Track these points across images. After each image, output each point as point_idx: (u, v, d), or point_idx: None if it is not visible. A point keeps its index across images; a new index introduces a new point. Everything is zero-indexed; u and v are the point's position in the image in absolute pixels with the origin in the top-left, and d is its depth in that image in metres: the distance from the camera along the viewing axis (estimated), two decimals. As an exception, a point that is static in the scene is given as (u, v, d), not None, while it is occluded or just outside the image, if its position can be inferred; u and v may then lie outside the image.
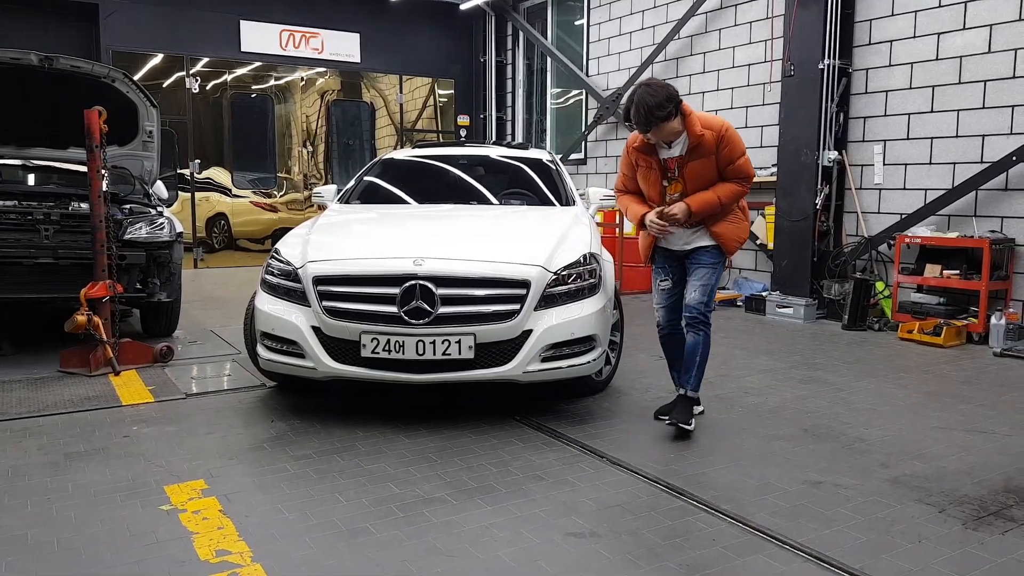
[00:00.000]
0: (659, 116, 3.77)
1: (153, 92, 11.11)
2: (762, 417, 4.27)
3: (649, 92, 3.77)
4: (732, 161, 3.92)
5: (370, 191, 5.60)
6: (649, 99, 3.74)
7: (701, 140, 3.87)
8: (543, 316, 4.00)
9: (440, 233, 4.50)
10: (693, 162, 3.92)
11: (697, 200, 3.92)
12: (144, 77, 10.60)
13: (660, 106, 3.74)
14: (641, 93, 3.77)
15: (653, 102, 3.74)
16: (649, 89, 3.78)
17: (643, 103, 3.75)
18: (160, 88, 10.72)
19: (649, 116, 3.76)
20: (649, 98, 3.74)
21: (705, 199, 3.92)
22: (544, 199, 5.49)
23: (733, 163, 3.93)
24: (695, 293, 4.01)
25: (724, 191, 3.95)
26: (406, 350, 3.83)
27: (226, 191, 11.41)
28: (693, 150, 3.91)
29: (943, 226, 6.86)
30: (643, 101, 3.75)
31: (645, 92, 3.77)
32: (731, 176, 3.97)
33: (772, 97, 8.25)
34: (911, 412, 4.40)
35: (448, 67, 12.87)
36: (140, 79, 10.53)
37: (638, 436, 3.94)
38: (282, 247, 4.39)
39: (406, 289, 3.84)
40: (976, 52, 6.59)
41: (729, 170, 3.95)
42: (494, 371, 3.94)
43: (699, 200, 3.92)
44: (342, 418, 4.16)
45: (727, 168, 3.94)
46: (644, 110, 3.76)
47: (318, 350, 3.97)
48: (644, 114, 3.77)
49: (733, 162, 3.92)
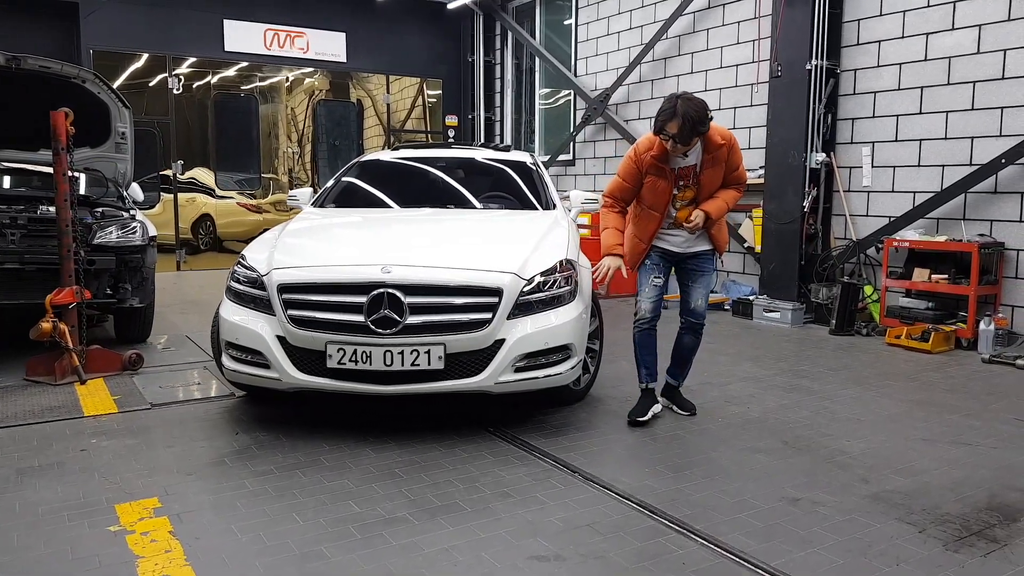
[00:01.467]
0: (702, 130, 3.85)
1: (135, 92, 11.12)
2: (743, 428, 4.16)
3: (692, 106, 3.79)
4: (736, 168, 4.12)
5: (345, 194, 5.48)
6: (693, 113, 3.78)
7: (718, 150, 3.99)
8: (516, 325, 3.88)
9: (412, 239, 4.38)
10: (708, 170, 4.04)
11: (713, 207, 4.07)
12: (126, 77, 10.47)
13: (703, 120, 3.81)
14: (684, 107, 3.77)
15: (697, 116, 3.79)
16: (691, 103, 3.79)
17: (688, 117, 3.77)
18: (142, 88, 10.58)
19: (694, 130, 3.82)
20: (693, 112, 3.78)
21: (718, 206, 4.09)
22: (525, 202, 5.38)
23: (737, 170, 4.13)
24: (701, 300, 4.26)
25: (729, 197, 4.16)
26: (373, 361, 3.71)
27: (210, 192, 11.27)
28: (708, 159, 4.01)
29: (932, 229, 6.75)
30: (688, 115, 3.76)
31: (688, 106, 3.78)
32: (734, 182, 4.18)
33: (760, 98, 8.14)
34: (895, 423, 4.29)
35: (436, 67, 12.74)
36: (122, 79, 10.41)
37: (614, 448, 3.82)
38: (248, 253, 4.26)
39: (373, 298, 3.71)
40: (965, 52, 6.49)
41: (733, 176, 4.14)
42: (465, 382, 3.81)
43: (714, 207, 4.07)
44: (309, 430, 4.03)
45: (732, 174, 4.12)
46: (690, 124, 3.78)
47: (283, 360, 3.85)
48: (690, 128, 3.80)
49: (737, 169, 4.12)
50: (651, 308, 4.22)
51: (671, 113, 3.78)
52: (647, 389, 4.32)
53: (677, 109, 3.76)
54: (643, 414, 4.21)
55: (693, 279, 4.26)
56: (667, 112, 3.80)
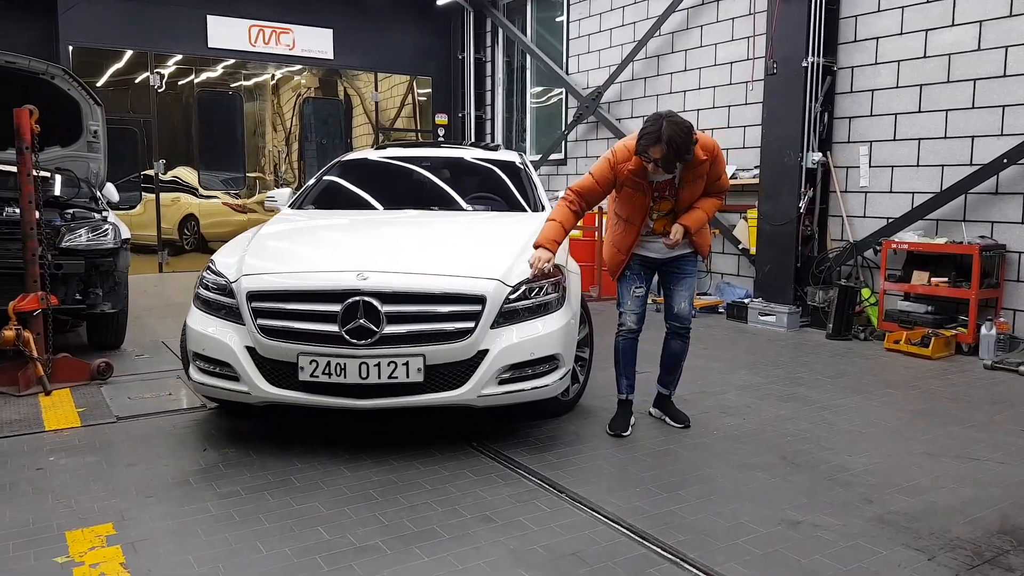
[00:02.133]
0: (687, 158, 3.66)
1: (116, 90, 10.87)
2: (739, 442, 3.96)
3: (678, 131, 3.56)
4: (719, 177, 3.96)
5: (326, 195, 5.26)
6: (679, 139, 3.57)
7: (701, 165, 3.80)
8: (501, 334, 3.67)
9: (391, 243, 4.16)
10: (688, 184, 3.85)
11: (692, 220, 3.91)
12: (107, 75, 10.20)
13: (687, 147, 3.61)
14: (670, 131, 3.55)
15: (682, 143, 3.58)
16: (677, 128, 3.57)
17: (674, 144, 3.57)
18: (123, 86, 10.32)
19: (679, 157, 3.63)
20: (679, 138, 3.57)
21: (698, 218, 3.93)
22: (512, 204, 5.17)
23: (719, 179, 3.96)
24: (684, 304, 4.09)
25: (710, 206, 3.99)
26: (348, 373, 3.49)
27: (193, 191, 11.02)
28: (689, 174, 3.82)
29: (931, 231, 6.57)
30: (673, 141, 3.56)
31: (674, 131, 3.56)
32: (715, 191, 4.01)
33: (755, 96, 7.95)
34: (898, 435, 4.10)
35: (425, 64, 12.51)
36: (103, 77, 10.15)
37: (603, 465, 3.62)
38: (218, 258, 4.04)
39: (348, 306, 3.50)
40: (965, 49, 6.30)
41: (716, 185, 3.98)
42: (446, 395, 3.60)
43: (693, 220, 3.91)
44: (281, 446, 3.81)
45: (714, 183, 3.96)
46: (675, 151, 3.59)
47: (252, 373, 3.63)
48: (675, 155, 3.61)
49: (719, 178, 3.96)
50: (635, 320, 4.08)
51: (655, 137, 3.57)
52: (627, 400, 4.16)
53: (663, 133, 3.54)
54: (625, 428, 4.05)
55: (675, 283, 4.10)
56: (651, 136, 3.58)
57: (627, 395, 4.15)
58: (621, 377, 4.15)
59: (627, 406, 4.16)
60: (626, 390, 4.15)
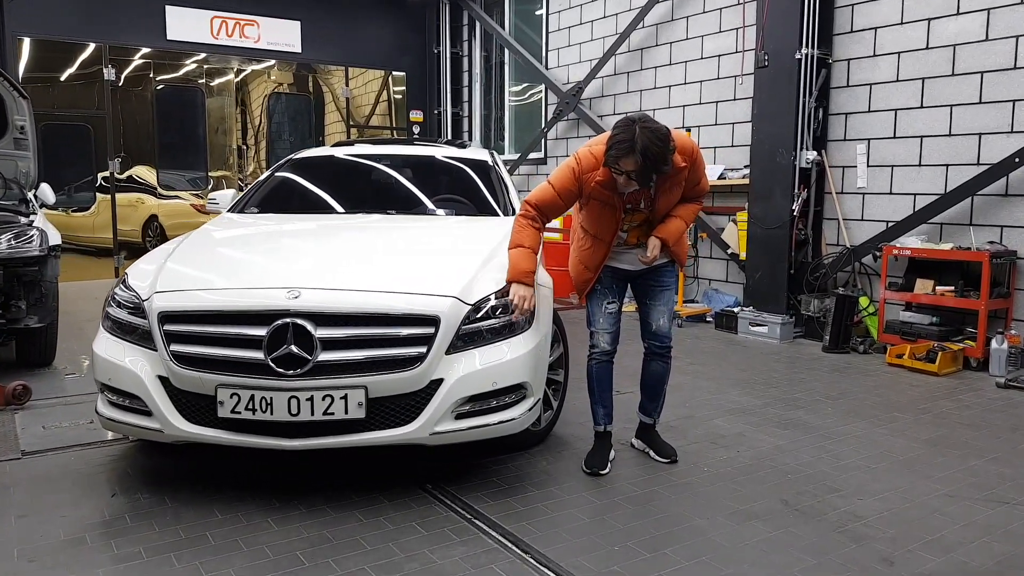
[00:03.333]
0: (664, 170, 3.13)
1: (67, 84, 10.23)
2: (734, 481, 3.45)
3: (654, 138, 3.02)
4: (698, 181, 3.49)
5: (272, 198, 4.72)
6: (655, 148, 3.02)
7: (680, 173, 3.29)
8: (458, 361, 3.15)
9: (332, 254, 3.62)
10: (665, 193, 3.34)
11: (670, 232, 3.45)
12: (56, 68, 9.58)
13: (665, 157, 3.07)
14: (645, 139, 3.00)
15: (659, 152, 3.04)
16: (653, 135, 3.03)
17: (649, 155, 3.02)
18: (75, 80, 9.70)
19: (656, 168, 3.09)
20: (655, 147, 3.02)
21: (676, 228, 3.47)
22: (481, 206, 4.66)
23: (698, 183, 3.49)
24: (664, 320, 3.61)
25: (688, 213, 3.50)
26: (275, 409, 2.96)
27: (151, 191, 10.40)
28: (666, 181, 3.29)
29: (935, 236, 6.11)
30: (649, 152, 3.01)
31: (649, 138, 3.01)
32: (694, 196, 3.55)
33: (744, 91, 7.47)
34: (911, 471, 3.61)
35: (399, 59, 11.94)
36: (52, 69, 9.53)
37: (578, 515, 3.11)
38: (132, 272, 3.50)
39: (275, 330, 2.97)
40: (972, 40, 5.84)
41: (695, 190, 3.51)
42: (392, 433, 3.08)
43: (671, 231, 3.46)
44: (203, 491, 3.27)
45: (692, 188, 3.49)
46: (651, 162, 3.05)
47: (166, 407, 3.09)
48: (651, 166, 3.07)
49: (698, 182, 3.49)
50: (609, 340, 3.57)
51: (628, 147, 3.03)
52: (604, 433, 3.66)
53: (636, 142, 3.01)
54: (603, 465, 3.54)
55: (652, 296, 3.60)
56: (623, 145, 3.04)
57: (604, 426, 3.65)
58: (597, 406, 3.64)
59: (605, 439, 3.65)
60: (603, 420, 3.64)
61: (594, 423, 3.65)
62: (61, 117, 9.65)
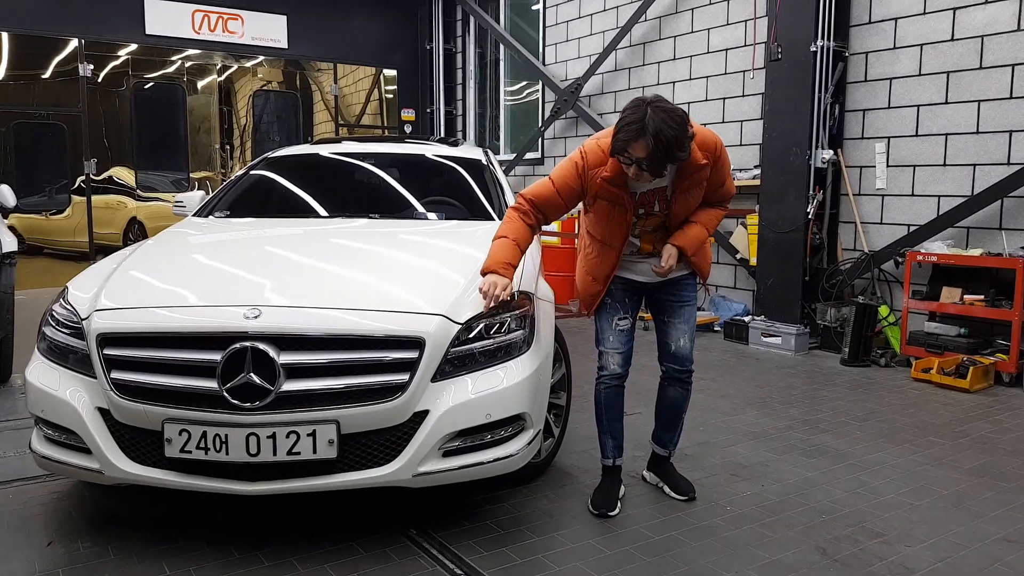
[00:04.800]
0: (681, 157, 2.68)
1: (41, 81, 9.76)
2: (762, 524, 3.03)
3: (668, 120, 2.59)
4: (722, 183, 3.04)
5: (243, 200, 4.28)
6: (669, 131, 2.59)
7: (700, 171, 2.84)
8: (446, 389, 2.72)
9: (303, 265, 3.18)
10: (683, 194, 2.89)
11: (688, 240, 3.01)
12: (29, 64, 9.12)
13: (681, 142, 2.63)
14: (658, 121, 2.58)
15: (674, 136, 2.60)
16: (667, 116, 2.59)
17: (663, 137, 2.58)
18: (49, 77, 9.24)
19: (670, 155, 2.64)
20: (669, 130, 2.58)
21: (696, 236, 3.03)
22: (474, 210, 4.23)
23: (723, 185, 3.05)
24: (684, 340, 3.16)
25: (710, 220, 3.04)
26: (231, 448, 2.53)
27: (130, 193, 9.94)
28: (685, 179, 2.86)
29: (960, 241, 5.70)
30: (662, 134, 2.57)
31: (663, 120, 2.58)
32: (717, 200, 3.10)
33: (753, 87, 7.06)
34: (961, 509, 3.19)
35: (390, 55, 11.50)
36: (24, 65, 9.07)
37: (584, 568, 2.68)
38: (75, 285, 3.05)
39: (232, 355, 2.53)
40: (1001, 30, 5.44)
41: (718, 193, 3.07)
42: (368, 475, 2.65)
43: (690, 239, 3.01)
44: (153, 539, 2.84)
45: (716, 191, 3.05)
46: (664, 148, 2.60)
47: (106, 445, 2.66)
48: (664, 153, 2.62)
49: (723, 184, 3.05)
50: (620, 362, 3.13)
51: (638, 130, 2.60)
52: (613, 467, 3.23)
53: (647, 124, 2.58)
54: (612, 505, 3.11)
55: (670, 313, 3.15)
56: (633, 128, 2.61)
57: (614, 460, 3.22)
58: (605, 436, 3.21)
59: (614, 474, 3.23)
60: (612, 453, 3.22)
61: (602, 456, 3.23)
62: (34, 116, 9.19)
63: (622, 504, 3.16)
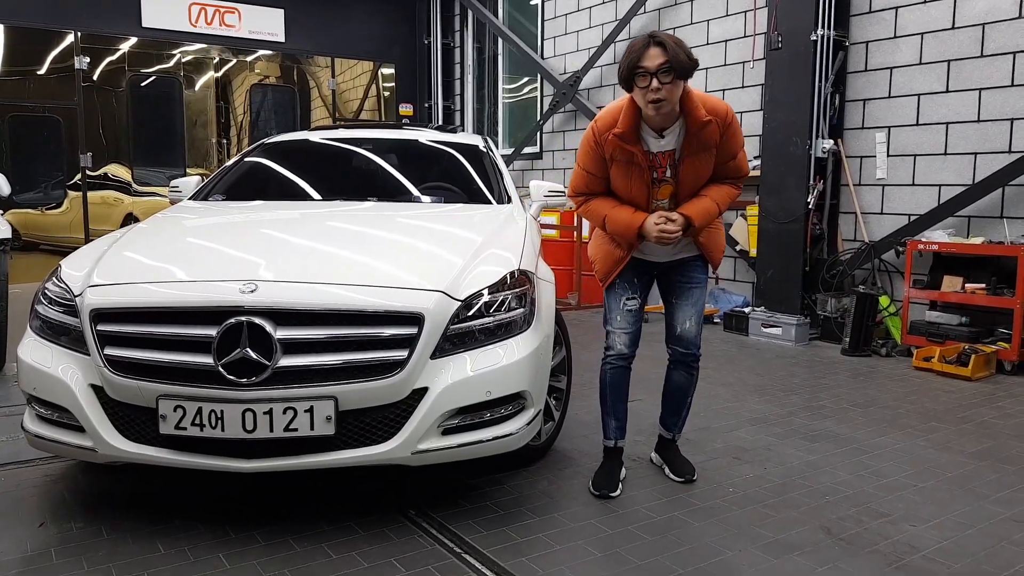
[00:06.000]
0: (688, 64, 2.71)
1: (36, 75, 9.69)
2: (764, 504, 2.99)
3: (668, 35, 2.73)
4: (734, 155, 2.99)
5: (239, 184, 4.24)
6: (671, 38, 2.72)
7: (704, 128, 2.80)
8: (445, 366, 2.68)
9: (300, 243, 3.15)
10: (691, 158, 2.86)
11: (697, 210, 2.93)
12: (23, 57, 9.07)
13: (688, 52, 2.72)
14: (660, 36, 2.71)
15: (677, 42, 2.71)
16: (667, 35, 2.73)
17: (667, 39, 2.70)
18: (44, 70, 9.19)
19: (678, 56, 2.67)
20: (671, 38, 2.73)
21: (705, 208, 2.95)
22: (473, 195, 4.18)
23: (734, 158, 2.99)
24: (691, 323, 3.13)
25: (721, 196, 2.99)
26: (227, 424, 2.48)
27: (127, 188, 9.89)
28: (692, 141, 2.84)
29: (962, 230, 5.67)
30: (667, 40, 2.70)
31: (663, 34, 2.73)
32: (728, 175, 3.03)
33: (753, 78, 7.04)
34: (966, 490, 3.16)
35: (388, 50, 11.47)
36: (20, 57, 9.02)
37: (585, 547, 2.64)
38: (68, 263, 3.01)
39: (227, 329, 2.49)
40: (1003, 18, 5.41)
41: (728, 167, 3.00)
42: (367, 452, 2.60)
43: (699, 210, 2.94)
44: (148, 519, 2.79)
45: (726, 164, 2.99)
46: (672, 49, 2.67)
47: (99, 422, 2.61)
48: (675, 54, 2.66)
49: (734, 156, 2.99)
50: (627, 341, 3.10)
51: (644, 42, 2.71)
52: (615, 448, 3.19)
53: (650, 37, 2.71)
54: (614, 487, 3.07)
55: (679, 294, 3.13)
56: (638, 44, 2.72)
57: (616, 441, 3.18)
58: (608, 417, 3.18)
59: (616, 455, 3.19)
60: (615, 434, 3.18)
61: (604, 437, 3.19)
62: (30, 108, 9.14)
63: (623, 486, 3.13)
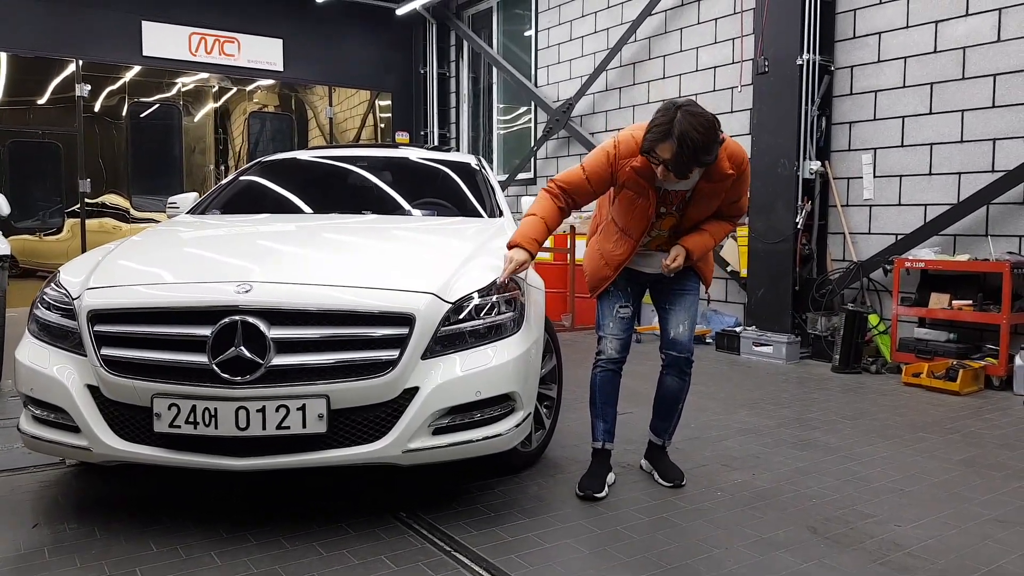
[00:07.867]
0: (707, 161, 2.75)
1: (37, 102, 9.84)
2: (751, 507, 3.03)
3: (696, 124, 2.66)
4: (739, 198, 3.13)
5: (236, 200, 4.32)
6: (696, 135, 2.65)
7: (724, 180, 2.91)
8: (437, 366, 2.73)
9: (293, 247, 3.21)
10: (700, 202, 2.97)
11: (695, 244, 3.08)
12: (25, 85, 9.21)
13: (708, 147, 2.70)
14: (685, 124, 2.65)
15: (701, 141, 2.67)
16: (695, 120, 2.67)
17: (688, 141, 2.65)
18: (45, 98, 9.32)
19: (695, 159, 2.71)
20: (696, 134, 2.65)
21: (704, 243, 3.11)
22: (466, 210, 4.26)
23: (739, 200, 3.14)
24: (683, 328, 3.22)
25: (718, 231, 3.14)
26: (220, 422, 2.53)
27: (124, 215, 9.97)
28: (708, 190, 2.95)
29: (948, 248, 5.76)
30: (688, 138, 2.64)
31: (691, 124, 2.66)
32: (730, 213, 3.17)
33: (741, 102, 7.18)
34: (951, 495, 3.19)
35: (384, 79, 11.66)
36: (22, 85, 9.16)
37: (575, 545, 2.67)
38: (65, 270, 3.07)
39: (222, 329, 2.54)
40: (983, 41, 5.56)
41: (733, 207, 3.15)
42: (358, 451, 2.64)
43: (697, 244, 3.09)
44: (141, 519, 2.82)
45: (732, 204, 3.12)
46: (690, 151, 2.67)
47: (94, 422, 2.65)
48: (690, 156, 2.68)
49: (739, 199, 3.13)
50: (618, 347, 3.18)
51: (665, 132, 2.69)
52: (602, 450, 3.24)
53: (675, 127, 2.66)
54: (600, 488, 3.11)
55: (672, 301, 3.22)
56: (660, 130, 2.70)
57: (604, 443, 3.23)
58: (597, 420, 3.23)
59: (604, 458, 3.23)
60: (603, 436, 3.23)
61: (592, 438, 3.24)
62: (30, 135, 9.26)
63: (612, 491, 3.16)
